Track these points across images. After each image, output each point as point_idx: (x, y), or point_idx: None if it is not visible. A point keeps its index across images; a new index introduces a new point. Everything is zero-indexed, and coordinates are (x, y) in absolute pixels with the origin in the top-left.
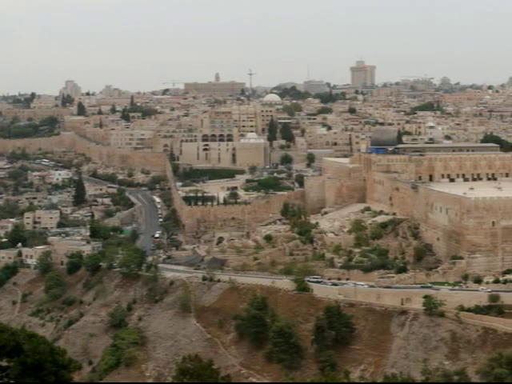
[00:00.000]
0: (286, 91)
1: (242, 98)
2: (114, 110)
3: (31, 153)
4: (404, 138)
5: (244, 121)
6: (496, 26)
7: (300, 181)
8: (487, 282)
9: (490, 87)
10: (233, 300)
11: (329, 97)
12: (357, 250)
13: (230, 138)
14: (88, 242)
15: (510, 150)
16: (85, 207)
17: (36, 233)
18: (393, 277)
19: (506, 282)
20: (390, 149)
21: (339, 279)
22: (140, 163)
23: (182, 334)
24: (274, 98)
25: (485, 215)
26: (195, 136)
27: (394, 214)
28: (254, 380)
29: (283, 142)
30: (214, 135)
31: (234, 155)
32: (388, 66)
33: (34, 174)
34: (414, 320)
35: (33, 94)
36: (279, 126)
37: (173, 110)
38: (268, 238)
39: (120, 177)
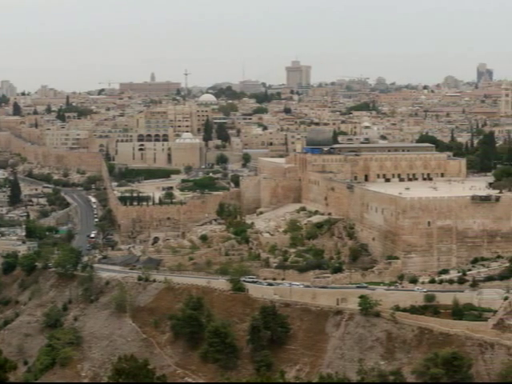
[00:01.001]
0: (221, 91)
1: (178, 98)
2: (49, 110)
3: None
4: (339, 138)
5: (179, 121)
6: (431, 26)
7: (235, 181)
8: (423, 282)
9: (425, 87)
10: (168, 300)
11: (264, 97)
12: (292, 250)
13: (165, 138)
14: (23, 242)
15: (445, 150)
16: (20, 207)
17: None
18: (328, 277)
19: (441, 282)
20: (326, 149)
21: (275, 279)
22: (76, 163)
23: (118, 334)
24: (209, 98)
25: (420, 215)
26: (131, 136)
27: (330, 214)
28: (190, 380)
29: (219, 142)
30: (149, 135)
31: (169, 155)
32: (323, 66)
33: None
34: (350, 320)
35: None
36: (215, 126)
37: (108, 110)
38: (203, 238)
39: (55, 177)
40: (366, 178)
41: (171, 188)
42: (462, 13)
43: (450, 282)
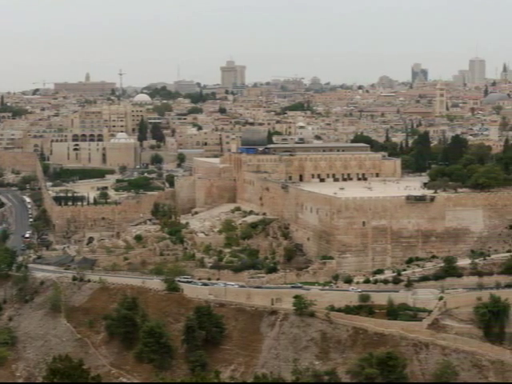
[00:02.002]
0: (156, 91)
1: (113, 98)
2: None
3: None
4: (274, 138)
5: (114, 121)
6: (366, 26)
7: (170, 181)
8: (357, 282)
9: (360, 87)
10: (103, 300)
11: (199, 97)
12: (227, 250)
13: (100, 138)
14: None
15: (380, 150)
16: None
17: None
18: (263, 277)
19: (376, 282)
20: (261, 149)
21: (209, 279)
22: (10, 163)
23: (53, 334)
24: (144, 97)
25: (355, 215)
26: (65, 136)
27: (265, 213)
28: (125, 380)
29: (153, 142)
30: (84, 135)
31: (104, 155)
32: (258, 66)
33: None
34: (285, 320)
35: None
36: (149, 126)
37: (43, 109)
38: (138, 238)
39: None
40: (301, 178)
41: (106, 188)
42: (397, 12)
43: (385, 282)
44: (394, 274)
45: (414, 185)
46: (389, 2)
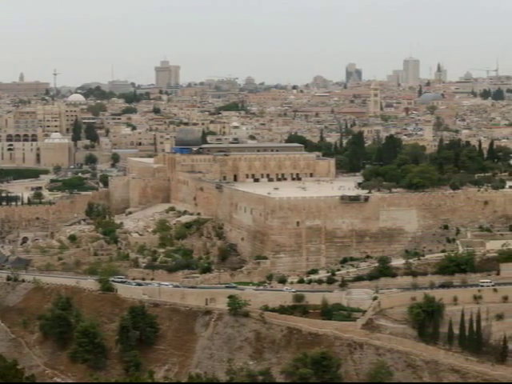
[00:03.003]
0: (90, 91)
1: (47, 98)
2: None
3: None
4: (208, 138)
5: (48, 121)
6: (300, 26)
7: (105, 181)
8: (292, 282)
9: (294, 87)
10: (37, 300)
11: (133, 97)
12: (161, 250)
13: (34, 138)
14: None
15: (314, 150)
16: None
17: None
18: (197, 277)
19: (310, 282)
20: (195, 149)
21: (144, 279)
22: None
23: None
24: (78, 97)
25: (289, 215)
26: (0, 136)
27: (199, 214)
28: (59, 380)
29: (88, 141)
30: (18, 135)
31: (38, 155)
32: (192, 66)
33: None
34: (219, 320)
35: None
36: (84, 125)
37: None
38: (72, 238)
39: None
40: (235, 178)
41: (40, 188)
42: (331, 13)
43: (319, 281)
44: (329, 273)
45: (348, 185)
46: (324, 2)
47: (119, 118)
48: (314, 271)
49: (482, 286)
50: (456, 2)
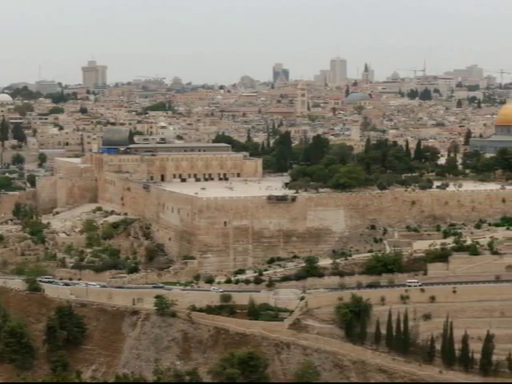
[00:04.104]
0: (17, 91)
1: None
2: None
3: None
4: (136, 138)
5: None
6: (227, 26)
7: (32, 181)
8: (219, 282)
9: (221, 87)
10: None
11: (60, 97)
12: (88, 250)
13: None
14: None
15: (241, 150)
16: None
17: None
18: (124, 277)
19: (237, 282)
20: (122, 149)
21: (71, 279)
22: None
23: None
24: (5, 98)
25: (216, 215)
26: None
27: (126, 214)
28: None
29: (15, 142)
30: None
31: None
32: (119, 66)
33: None
34: (146, 320)
35: None
36: (11, 126)
37: None
38: None
39: None
40: (163, 178)
41: None
42: (258, 12)
43: (247, 281)
44: (256, 273)
45: (276, 185)
46: (251, 2)
47: (46, 118)
48: (242, 271)
49: (409, 286)
50: (383, 2)
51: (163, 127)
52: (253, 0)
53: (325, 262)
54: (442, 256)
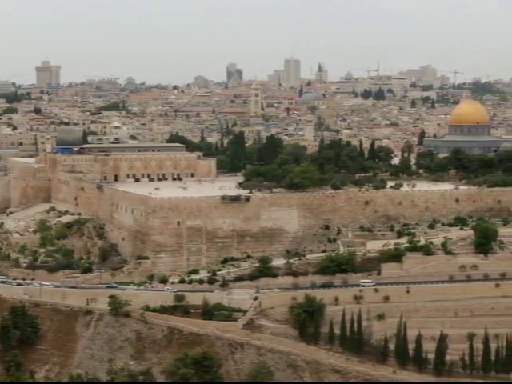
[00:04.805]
0: None
1: None
2: None
3: None
4: (89, 138)
5: None
6: (180, 26)
7: None
8: (172, 282)
9: (175, 87)
10: None
11: (14, 97)
12: (42, 250)
13: None
14: None
15: (195, 150)
16: None
17: None
18: (78, 277)
19: (191, 282)
20: (76, 149)
21: (24, 279)
22: None
23: None
24: None
25: (170, 215)
26: None
27: (80, 214)
28: None
29: None
30: None
31: None
32: (73, 66)
33: None
34: (100, 320)
35: None
36: None
37: None
38: None
39: None
40: (116, 178)
41: None
42: (212, 12)
43: (200, 282)
44: (209, 274)
45: (229, 185)
46: (205, 3)
47: (0, 118)
48: (195, 271)
49: (362, 286)
50: (336, 2)
51: (117, 127)
52: (206, 0)
53: (278, 262)
54: (395, 256)
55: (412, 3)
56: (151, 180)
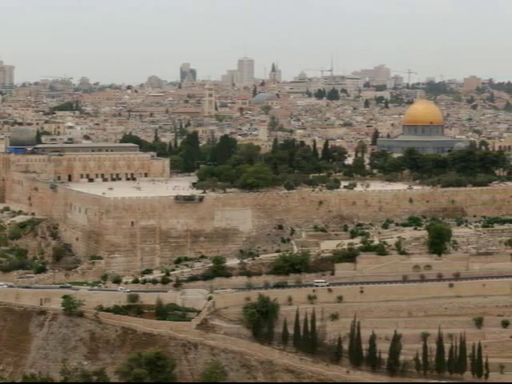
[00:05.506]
0: None
1: None
2: None
3: None
4: (43, 138)
5: None
6: (134, 25)
7: None
8: (126, 282)
9: (128, 87)
10: None
11: None
12: None
13: None
14: None
15: (149, 150)
16: None
17: None
18: (32, 277)
19: (144, 282)
20: (29, 149)
21: None
22: None
23: None
24: None
25: (124, 215)
26: None
27: (34, 214)
28: None
29: None
30: None
31: None
32: (27, 66)
33: None
34: (54, 320)
35: None
36: None
37: None
38: None
39: None
40: (70, 178)
41: None
42: (165, 12)
43: (154, 282)
44: (163, 274)
45: (183, 185)
46: (158, 2)
47: None
48: (149, 271)
49: (316, 286)
50: (290, 3)
51: (70, 127)
52: (160, 0)
53: (232, 262)
54: (349, 256)
55: (365, 3)
56: (105, 180)
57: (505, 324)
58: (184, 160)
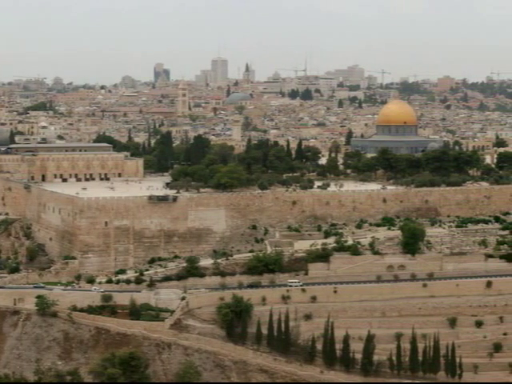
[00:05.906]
0: None
1: None
2: None
3: None
4: (17, 138)
5: None
6: (109, 25)
7: None
8: (100, 282)
9: (102, 87)
10: None
11: None
12: None
13: None
14: None
15: (122, 150)
16: None
17: None
18: (5, 277)
19: (118, 282)
20: (3, 149)
21: None
22: None
23: None
24: None
25: (97, 215)
26: None
27: (7, 214)
28: None
29: None
30: None
31: None
32: (0, 66)
33: None
34: (27, 320)
35: None
36: None
37: None
38: None
39: None
40: (44, 178)
41: None
42: (139, 12)
43: (128, 282)
44: (137, 274)
45: (157, 185)
46: (132, 2)
47: None
48: (122, 271)
49: (290, 285)
50: (263, 3)
51: (44, 127)
52: (135, 0)
53: (206, 262)
54: (323, 256)
55: (339, 4)
56: (79, 180)
57: (478, 324)
58: (158, 160)
